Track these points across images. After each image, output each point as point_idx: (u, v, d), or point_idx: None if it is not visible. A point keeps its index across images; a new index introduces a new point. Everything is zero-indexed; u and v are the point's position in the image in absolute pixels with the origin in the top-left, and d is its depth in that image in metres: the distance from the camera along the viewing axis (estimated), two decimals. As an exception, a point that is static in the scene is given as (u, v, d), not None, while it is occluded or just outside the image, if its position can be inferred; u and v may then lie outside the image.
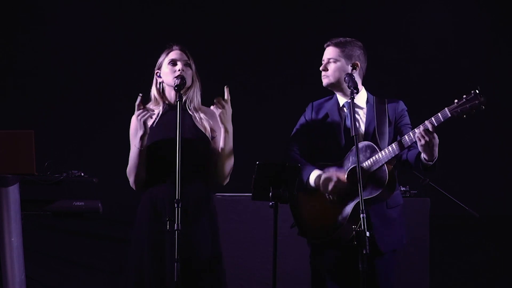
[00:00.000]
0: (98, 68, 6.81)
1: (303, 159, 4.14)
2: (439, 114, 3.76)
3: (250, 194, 3.92)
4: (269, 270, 3.90)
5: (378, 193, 3.90)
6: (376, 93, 4.31)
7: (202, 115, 4.00)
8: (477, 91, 3.73)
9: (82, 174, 5.39)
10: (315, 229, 4.11)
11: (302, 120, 4.25)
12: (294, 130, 4.26)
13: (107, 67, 6.81)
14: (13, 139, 4.93)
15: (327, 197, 4.03)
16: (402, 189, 5.63)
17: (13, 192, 5.03)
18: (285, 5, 6.94)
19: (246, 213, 5.52)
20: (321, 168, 4.06)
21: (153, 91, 4.03)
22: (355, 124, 3.90)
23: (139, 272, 3.84)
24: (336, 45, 4.18)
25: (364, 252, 3.63)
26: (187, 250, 3.78)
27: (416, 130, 3.81)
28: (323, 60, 4.18)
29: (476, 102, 3.71)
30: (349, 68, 4.13)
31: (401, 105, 4.16)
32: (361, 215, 3.67)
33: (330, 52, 4.17)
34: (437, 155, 3.82)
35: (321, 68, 4.17)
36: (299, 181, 3.95)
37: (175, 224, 3.57)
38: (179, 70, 3.94)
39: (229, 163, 3.96)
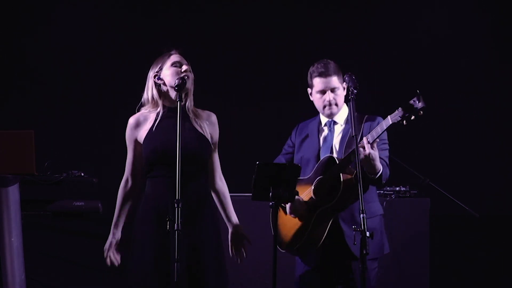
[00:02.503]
0: (98, 68, 6.81)
1: None
2: (382, 122, 3.90)
3: (250, 194, 3.93)
4: (269, 270, 3.90)
5: (333, 202, 3.97)
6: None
7: (199, 117, 4.00)
8: (416, 98, 3.83)
9: (82, 174, 5.39)
10: (289, 239, 4.19)
11: (288, 141, 4.38)
12: (282, 150, 4.39)
13: (107, 67, 6.81)
14: (13, 139, 4.93)
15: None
16: (402, 189, 5.64)
17: (13, 192, 5.03)
18: (285, 5, 6.94)
19: (246, 213, 5.51)
20: None
21: (151, 94, 4.01)
22: (355, 125, 3.92)
23: (143, 273, 3.84)
24: (334, 72, 4.26)
25: (364, 252, 3.65)
26: (192, 251, 3.78)
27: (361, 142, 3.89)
28: (326, 90, 4.24)
29: (414, 107, 3.82)
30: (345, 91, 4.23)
31: (378, 121, 4.18)
32: (361, 215, 3.69)
33: (333, 81, 4.24)
34: (380, 168, 3.91)
35: (327, 98, 4.23)
36: None
37: (175, 224, 3.58)
38: (185, 70, 3.93)
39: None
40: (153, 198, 3.89)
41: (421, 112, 3.80)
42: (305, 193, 4.15)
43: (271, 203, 3.85)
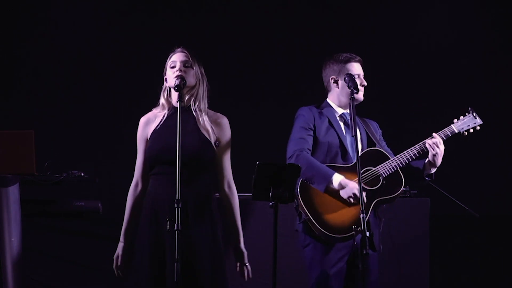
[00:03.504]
0: (98, 68, 6.81)
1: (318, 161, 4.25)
2: (446, 129, 4.24)
3: (250, 194, 3.93)
4: (269, 270, 3.90)
5: (399, 191, 4.17)
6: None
7: (206, 118, 3.98)
8: (473, 113, 4.22)
9: (82, 174, 5.38)
10: (342, 224, 4.15)
11: (308, 122, 4.30)
12: (297, 131, 4.31)
13: (107, 67, 6.80)
14: (13, 139, 4.93)
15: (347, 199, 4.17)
16: (402, 189, 5.65)
17: (13, 192, 5.02)
18: (285, 5, 6.93)
19: (246, 213, 5.52)
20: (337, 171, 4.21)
21: (162, 97, 4.03)
22: (355, 125, 3.93)
23: (138, 274, 3.84)
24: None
25: (364, 252, 3.66)
26: (188, 252, 3.78)
27: (429, 140, 4.20)
28: (361, 75, 4.34)
29: (475, 123, 4.23)
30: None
31: (378, 125, 4.46)
32: (361, 215, 3.70)
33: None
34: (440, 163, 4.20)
35: (363, 83, 4.33)
36: (321, 179, 4.11)
37: (175, 224, 3.58)
38: (177, 70, 3.94)
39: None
40: (153, 197, 3.90)
41: (479, 128, 4.21)
42: (354, 181, 4.15)
43: (271, 203, 3.85)
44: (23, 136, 4.93)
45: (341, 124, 4.27)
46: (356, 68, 4.30)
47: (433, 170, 4.24)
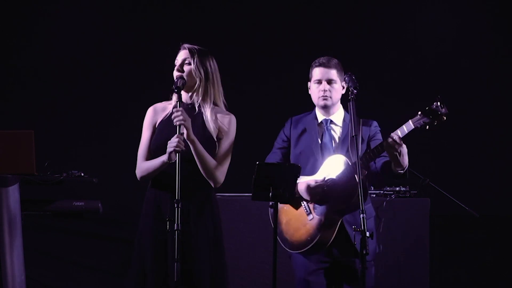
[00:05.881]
0: (98, 68, 6.81)
1: None
2: (403, 126, 3.91)
3: (250, 194, 3.93)
4: (269, 270, 3.90)
5: (351, 202, 3.99)
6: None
7: (213, 115, 3.94)
8: (438, 103, 3.84)
9: (82, 174, 5.39)
10: (297, 240, 4.17)
11: (281, 135, 4.34)
12: (275, 144, 4.35)
13: (107, 67, 6.81)
14: (13, 139, 4.94)
15: (305, 205, 4.13)
16: (402, 189, 5.64)
17: (13, 192, 5.03)
18: (286, 5, 6.94)
19: (246, 213, 5.52)
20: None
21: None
22: (354, 125, 3.92)
23: (142, 272, 3.84)
24: (335, 66, 4.21)
25: (364, 252, 3.66)
26: (189, 251, 3.77)
27: (383, 143, 3.91)
28: (322, 80, 4.20)
29: (438, 113, 3.85)
30: (343, 90, 4.21)
31: (374, 125, 4.25)
32: (361, 215, 3.70)
33: (332, 73, 4.20)
34: (407, 163, 3.95)
35: (323, 88, 4.20)
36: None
37: (175, 224, 3.57)
38: (176, 70, 3.93)
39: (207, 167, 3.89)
40: (156, 195, 3.89)
41: (445, 117, 3.82)
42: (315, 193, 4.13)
43: (271, 203, 3.85)
44: (23, 136, 4.93)
45: (320, 131, 4.21)
46: (316, 75, 4.22)
47: (400, 170, 3.95)
